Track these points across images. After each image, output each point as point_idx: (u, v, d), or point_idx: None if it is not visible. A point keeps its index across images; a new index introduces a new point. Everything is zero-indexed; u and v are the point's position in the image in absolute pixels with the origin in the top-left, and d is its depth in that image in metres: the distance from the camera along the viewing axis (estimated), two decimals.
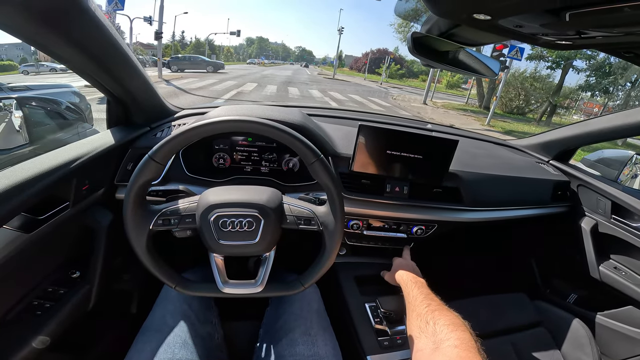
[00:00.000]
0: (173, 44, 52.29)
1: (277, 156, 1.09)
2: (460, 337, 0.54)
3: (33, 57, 12.61)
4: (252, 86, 14.95)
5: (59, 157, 0.76)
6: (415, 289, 0.76)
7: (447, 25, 0.68)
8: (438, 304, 0.67)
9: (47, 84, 2.91)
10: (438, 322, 0.59)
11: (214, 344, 0.80)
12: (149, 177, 0.60)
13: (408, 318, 0.70)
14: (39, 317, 0.76)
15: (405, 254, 1.09)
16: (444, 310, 0.64)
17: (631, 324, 1.20)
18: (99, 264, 0.89)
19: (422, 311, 0.65)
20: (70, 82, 3.13)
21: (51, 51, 0.68)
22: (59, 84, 3.11)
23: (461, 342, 0.52)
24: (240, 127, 0.62)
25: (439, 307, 0.65)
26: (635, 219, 1.20)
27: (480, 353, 0.51)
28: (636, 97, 15.09)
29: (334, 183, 0.64)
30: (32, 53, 12.67)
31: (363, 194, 1.03)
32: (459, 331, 0.55)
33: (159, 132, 1.05)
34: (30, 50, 12.66)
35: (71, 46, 0.68)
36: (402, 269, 0.92)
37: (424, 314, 0.63)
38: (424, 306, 0.66)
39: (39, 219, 0.70)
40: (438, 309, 0.64)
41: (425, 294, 0.73)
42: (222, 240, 0.63)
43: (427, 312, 0.64)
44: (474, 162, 1.21)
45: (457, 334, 0.54)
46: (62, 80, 3.28)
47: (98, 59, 0.76)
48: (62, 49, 0.68)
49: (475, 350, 0.51)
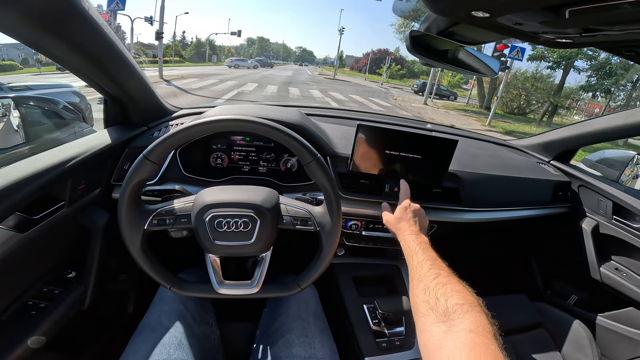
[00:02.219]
0: (174, 44, 52.37)
1: (275, 156, 1.09)
2: (476, 319, 0.47)
3: (34, 57, 12.62)
4: (253, 86, 14.98)
5: (55, 156, 0.76)
6: (419, 252, 0.66)
7: (445, 23, 0.67)
8: (448, 274, 0.58)
9: (48, 83, 2.91)
10: (450, 300, 0.51)
11: (210, 344, 0.80)
12: (143, 176, 0.60)
13: (412, 289, 0.60)
14: (34, 317, 0.76)
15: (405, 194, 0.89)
16: (455, 283, 0.55)
17: (632, 325, 1.19)
18: (95, 264, 0.89)
19: (430, 283, 0.56)
20: (70, 82, 3.13)
21: (47, 51, 0.68)
22: (59, 83, 3.11)
23: (477, 325, 0.46)
24: (236, 126, 0.62)
25: (450, 280, 0.56)
26: (636, 220, 1.19)
27: (496, 339, 0.45)
28: (637, 98, 15.08)
29: (330, 183, 0.64)
30: (33, 53, 12.70)
31: (361, 194, 1.02)
32: (474, 312, 0.48)
33: (156, 131, 1.04)
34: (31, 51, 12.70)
35: (67, 46, 0.68)
36: (408, 216, 0.80)
37: (433, 288, 0.55)
38: (432, 277, 0.58)
39: (34, 218, 0.70)
40: (449, 282, 0.55)
41: (432, 259, 0.63)
42: (217, 240, 0.63)
43: (437, 285, 0.55)
44: (474, 162, 1.21)
45: (472, 316, 0.48)
46: (64, 80, 3.26)
47: (94, 59, 0.76)
48: (57, 49, 0.68)
49: (491, 335, 0.45)
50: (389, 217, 0.86)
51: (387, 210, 0.89)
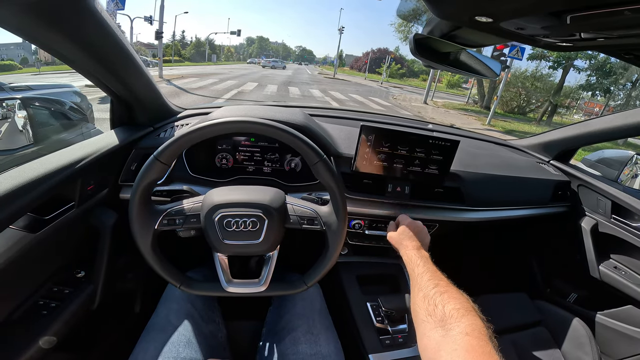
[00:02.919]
0: (173, 43, 52.25)
1: (280, 156, 1.10)
2: (471, 323, 0.50)
3: (34, 57, 12.57)
4: (253, 86, 14.97)
5: (65, 157, 0.76)
6: (420, 265, 0.70)
7: (449, 27, 0.68)
8: (446, 284, 0.62)
9: (48, 83, 2.90)
10: (447, 306, 0.55)
11: (218, 342, 0.81)
12: (154, 177, 0.61)
13: (413, 298, 0.64)
14: (45, 317, 0.77)
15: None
16: (453, 291, 0.59)
17: (631, 323, 1.21)
18: (104, 263, 0.90)
19: (429, 292, 0.60)
20: (71, 82, 3.12)
21: (56, 51, 0.68)
22: (59, 83, 3.11)
23: (472, 328, 0.49)
24: (244, 127, 0.63)
25: (448, 288, 0.60)
26: (635, 219, 1.20)
27: (492, 341, 0.48)
28: (637, 97, 15.09)
29: (337, 183, 0.65)
30: (32, 52, 12.64)
31: (365, 193, 1.03)
32: (469, 316, 0.52)
33: (162, 132, 1.05)
34: (31, 50, 12.64)
35: (76, 46, 0.68)
36: (410, 233, 0.84)
37: (432, 296, 0.59)
38: (431, 287, 0.62)
39: (45, 219, 0.71)
40: (447, 290, 0.59)
41: (432, 271, 0.67)
42: (226, 239, 0.64)
43: (436, 293, 0.59)
44: (475, 162, 1.22)
45: (468, 320, 0.51)
46: (63, 80, 3.26)
47: (102, 60, 0.76)
48: (66, 49, 0.68)
49: (486, 337, 0.48)
50: (392, 234, 0.90)
51: (392, 229, 0.93)
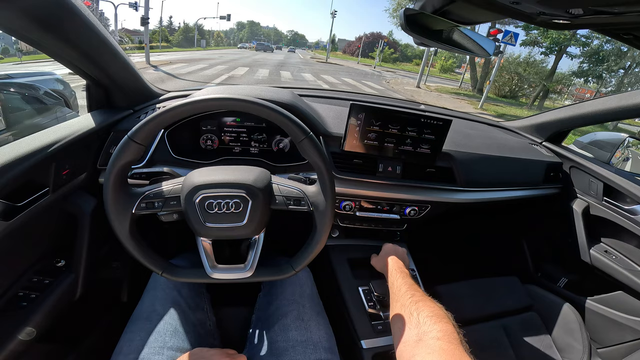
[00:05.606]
0: (160, 29, 50.71)
1: (267, 137, 1.07)
2: (443, 328, 0.54)
3: (15, 47, 12.06)
4: (244, 70, 14.67)
5: (36, 141, 0.72)
6: (399, 279, 0.76)
7: (441, 1, 0.65)
8: (422, 295, 0.67)
9: (30, 72, 2.82)
10: (421, 314, 0.59)
11: (206, 330, 0.79)
12: (129, 158, 0.58)
13: (391, 308, 0.69)
14: (25, 308, 0.74)
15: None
16: (427, 301, 0.64)
17: (621, 310, 1.21)
18: (84, 251, 0.87)
19: (405, 302, 0.65)
20: (54, 70, 3.03)
21: (23, 36, 0.65)
22: (42, 71, 3.02)
23: (444, 334, 0.53)
24: (224, 105, 0.59)
25: (423, 298, 0.65)
26: (626, 202, 1.20)
27: (462, 344, 0.51)
28: (629, 84, 15.18)
29: (323, 161, 0.62)
30: (13, 42, 12.11)
31: (355, 173, 1.01)
32: (442, 323, 0.56)
33: (143, 114, 1.00)
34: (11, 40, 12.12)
35: (44, 30, 0.65)
36: (391, 255, 0.90)
37: (408, 305, 0.63)
38: (407, 297, 0.66)
39: (18, 205, 0.67)
40: (422, 300, 0.64)
41: (409, 284, 0.72)
42: (208, 222, 0.61)
43: (411, 302, 0.64)
44: (468, 142, 1.20)
45: (440, 326, 0.55)
46: (47, 68, 3.17)
47: (73, 43, 0.73)
48: (34, 33, 0.65)
49: (457, 342, 0.51)
50: (375, 258, 1.00)
51: (374, 256, 1.02)
